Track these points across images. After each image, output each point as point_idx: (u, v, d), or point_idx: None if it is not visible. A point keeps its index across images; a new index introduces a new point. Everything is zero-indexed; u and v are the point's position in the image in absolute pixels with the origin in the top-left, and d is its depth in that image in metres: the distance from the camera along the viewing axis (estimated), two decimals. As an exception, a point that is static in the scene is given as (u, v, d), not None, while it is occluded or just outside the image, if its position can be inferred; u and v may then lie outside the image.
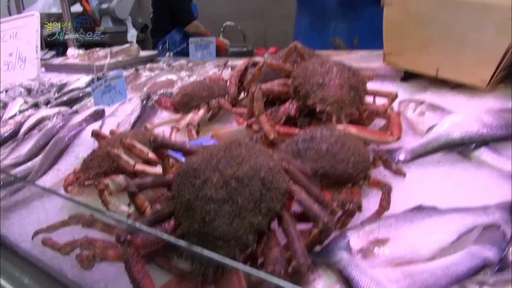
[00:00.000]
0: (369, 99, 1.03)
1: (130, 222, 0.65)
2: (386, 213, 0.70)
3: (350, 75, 0.96)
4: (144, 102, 1.34)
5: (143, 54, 2.32)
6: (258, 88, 0.94)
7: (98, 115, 1.27)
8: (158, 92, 1.49)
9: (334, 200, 0.69)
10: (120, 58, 2.16)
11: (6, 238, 0.89)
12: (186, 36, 3.44)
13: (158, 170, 0.80)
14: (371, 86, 1.03)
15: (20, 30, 2.13)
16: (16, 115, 1.47)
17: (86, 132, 1.16)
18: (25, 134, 1.28)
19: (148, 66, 2.05)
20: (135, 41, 3.96)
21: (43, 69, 2.24)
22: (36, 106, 1.58)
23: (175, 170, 0.74)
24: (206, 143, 0.95)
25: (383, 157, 0.82)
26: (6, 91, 1.76)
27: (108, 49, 2.26)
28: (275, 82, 1.02)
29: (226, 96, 1.22)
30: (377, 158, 0.82)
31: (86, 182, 0.91)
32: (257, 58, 1.38)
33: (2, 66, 2.07)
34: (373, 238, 0.60)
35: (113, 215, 0.73)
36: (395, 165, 0.83)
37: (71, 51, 2.46)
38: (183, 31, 3.64)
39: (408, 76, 1.29)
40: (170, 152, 0.75)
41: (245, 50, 3.85)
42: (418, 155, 0.86)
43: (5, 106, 1.59)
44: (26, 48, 2.08)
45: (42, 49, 2.39)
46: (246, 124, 0.98)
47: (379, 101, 1.04)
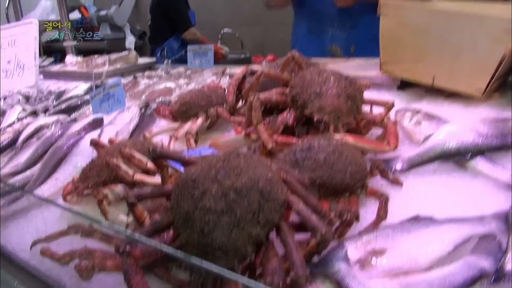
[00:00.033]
0: (366, 108, 1.04)
1: (129, 232, 0.66)
2: (384, 222, 0.71)
3: (347, 85, 0.97)
4: (142, 110, 1.35)
5: (142, 61, 2.33)
6: (256, 97, 0.95)
7: (97, 124, 1.27)
8: (157, 100, 1.50)
9: (332, 209, 0.69)
10: (118, 66, 2.17)
11: (5, 248, 0.89)
12: (184, 43, 3.46)
13: (157, 179, 0.81)
14: (368, 94, 1.04)
15: (18, 38, 2.14)
16: (14, 123, 1.46)
17: (85, 141, 1.17)
18: (23, 142, 1.28)
19: (146, 73, 2.05)
20: (133, 47, 3.98)
21: (41, 76, 2.25)
22: (34, 113, 1.58)
23: (174, 180, 0.75)
24: (204, 152, 0.96)
25: (380, 166, 0.83)
26: (5, 99, 1.76)
27: (106, 56, 2.27)
28: (273, 91, 1.02)
29: (224, 104, 1.22)
30: (374, 167, 0.83)
31: (85, 192, 0.91)
32: (255, 66, 1.39)
33: (1, 73, 2.07)
34: (370, 248, 0.60)
35: (111, 227, 0.74)
36: (392, 174, 0.84)
37: (70, 58, 2.47)
38: (181, 38, 3.66)
39: (404, 84, 1.30)
40: (169, 162, 0.75)
41: (243, 57, 3.87)
42: (415, 165, 0.87)
43: (3, 113, 1.59)
44: (24, 55, 2.08)
45: (40, 55, 2.39)
46: (244, 133, 0.98)
47: (376, 110, 1.05)
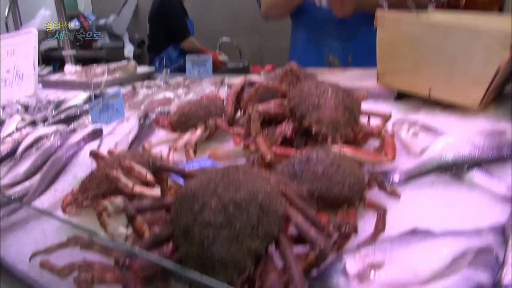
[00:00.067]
0: (363, 119, 1.05)
1: (128, 246, 0.66)
2: (382, 235, 0.71)
3: (345, 96, 0.98)
4: (141, 121, 1.35)
5: (140, 70, 2.33)
6: (255, 109, 0.96)
7: (96, 134, 1.27)
8: (156, 110, 1.51)
9: (330, 221, 0.70)
10: (117, 75, 2.18)
11: (3, 260, 0.89)
12: (183, 52, 3.48)
13: (157, 191, 0.81)
14: (366, 105, 1.05)
15: (18, 47, 2.14)
16: (13, 133, 1.47)
17: (84, 151, 1.17)
18: (22, 153, 1.28)
19: (145, 83, 2.06)
20: (132, 56, 4.00)
21: (40, 85, 2.25)
22: (33, 123, 1.58)
23: (173, 192, 0.75)
24: (203, 163, 0.96)
25: (378, 178, 0.83)
26: (4, 108, 1.77)
27: (105, 65, 2.28)
28: (272, 103, 1.03)
29: (223, 115, 1.23)
30: (372, 179, 0.83)
31: (84, 203, 0.91)
32: (253, 77, 1.40)
33: (0, 82, 2.08)
34: (369, 261, 0.61)
35: (111, 240, 0.74)
36: (390, 186, 0.85)
37: (68, 68, 2.48)
38: (179, 48, 3.68)
39: (401, 96, 1.31)
40: (169, 175, 0.76)
41: (241, 66, 3.90)
42: (412, 176, 0.88)
43: (2, 123, 1.59)
44: (23, 65, 2.09)
45: (39, 64, 2.40)
46: (243, 144, 0.99)
47: (374, 121, 1.06)
